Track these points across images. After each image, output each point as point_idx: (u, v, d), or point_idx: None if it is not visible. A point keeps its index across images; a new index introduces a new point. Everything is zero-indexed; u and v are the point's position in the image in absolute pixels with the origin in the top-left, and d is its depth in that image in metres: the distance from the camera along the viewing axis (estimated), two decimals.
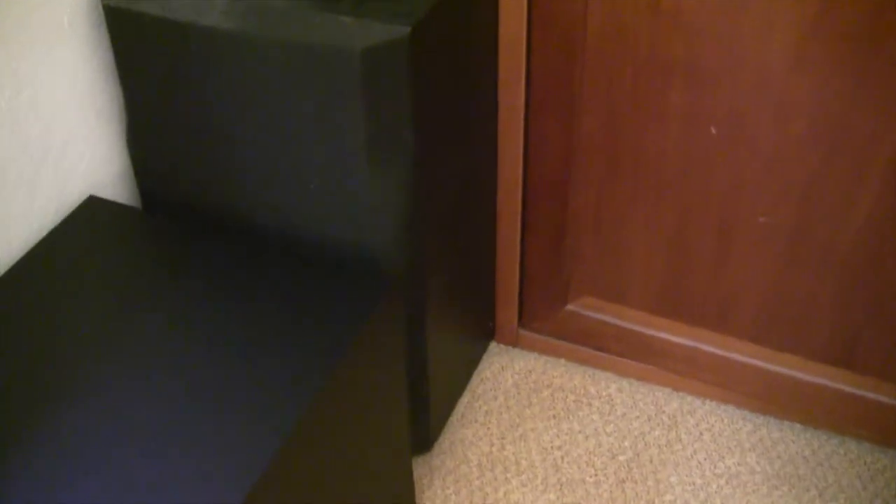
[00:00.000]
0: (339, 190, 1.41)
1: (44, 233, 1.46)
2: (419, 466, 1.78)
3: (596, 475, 1.78)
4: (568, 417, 1.87)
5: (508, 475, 1.78)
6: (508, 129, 1.66)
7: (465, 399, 1.90)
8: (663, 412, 1.87)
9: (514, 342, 1.98)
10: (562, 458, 1.80)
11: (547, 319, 1.92)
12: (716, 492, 1.74)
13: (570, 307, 1.89)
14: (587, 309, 1.88)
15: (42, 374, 1.23)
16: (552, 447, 1.82)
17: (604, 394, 1.91)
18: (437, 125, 1.44)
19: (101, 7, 1.44)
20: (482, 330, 1.95)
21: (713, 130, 1.53)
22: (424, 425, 1.74)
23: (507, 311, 1.93)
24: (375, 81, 1.29)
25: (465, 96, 1.52)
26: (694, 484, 1.75)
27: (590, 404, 1.90)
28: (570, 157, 1.68)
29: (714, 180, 1.60)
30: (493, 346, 2.01)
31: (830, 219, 1.56)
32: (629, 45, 1.50)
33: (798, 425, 1.83)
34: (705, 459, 1.79)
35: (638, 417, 1.87)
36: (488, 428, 1.85)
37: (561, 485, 1.76)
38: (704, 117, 1.53)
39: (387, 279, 1.38)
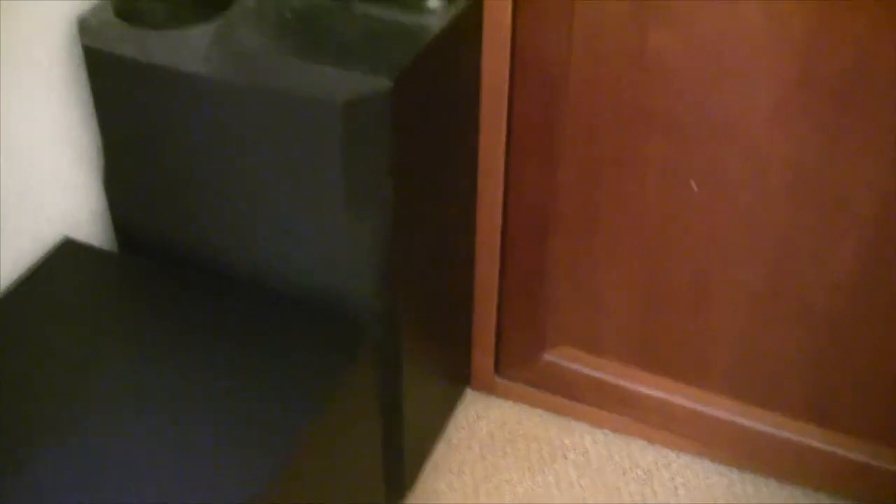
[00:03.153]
0: (316, 238, 1.40)
1: (18, 274, 1.44)
2: None
3: None
4: (542, 469, 1.86)
5: None
6: (488, 178, 1.65)
7: (440, 448, 1.89)
8: (638, 466, 1.86)
9: (491, 390, 1.97)
10: None
11: (523, 368, 1.91)
12: None
13: (546, 356, 1.88)
14: (564, 358, 1.87)
15: (16, 417, 1.21)
16: (526, 500, 1.80)
17: (579, 445, 1.90)
18: (417, 175, 1.44)
19: (80, 48, 1.43)
20: (458, 377, 1.94)
21: (693, 185, 1.53)
22: (398, 474, 1.72)
23: (484, 359, 1.92)
24: (356, 132, 1.28)
25: (445, 145, 1.52)
26: None
27: (565, 456, 1.88)
28: (548, 206, 1.67)
29: (692, 233, 1.60)
30: (468, 392, 2.00)
31: (806, 275, 1.56)
32: (612, 96, 1.51)
33: (773, 481, 1.83)
34: None
35: (613, 471, 1.86)
36: (462, 478, 1.84)
37: None
38: (684, 170, 1.53)
39: (363, 330, 1.37)
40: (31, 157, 1.43)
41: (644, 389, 1.83)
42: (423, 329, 1.65)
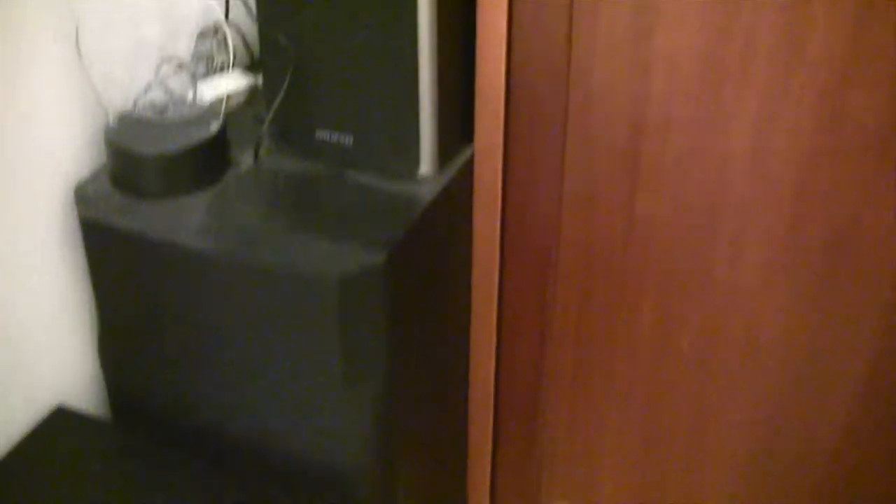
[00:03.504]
0: (311, 410, 1.40)
1: (11, 444, 1.43)
2: None
3: None
4: None
5: None
6: (480, 348, 1.66)
7: None
8: None
9: None
10: None
11: None
12: None
13: None
14: None
15: None
16: None
17: None
18: (412, 345, 1.44)
19: (77, 218, 1.44)
20: None
21: (685, 345, 1.54)
22: None
23: None
24: (350, 305, 1.29)
25: (438, 312, 1.53)
26: None
27: None
28: (542, 367, 1.68)
29: (685, 392, 1.60)
30: None
31: (802, 436, 1.56)
32: (602, 261, 1.52)
33: None
34: None
35: None
36: None
37: None
38: (676, 331, 1.54)
39: (355, 501, 1.36)
40: (25, 323, 1.44)
41: None
42: (418, 493, 1.63)
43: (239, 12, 1.55)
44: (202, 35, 1.53)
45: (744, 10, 1.27)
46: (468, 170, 1.48)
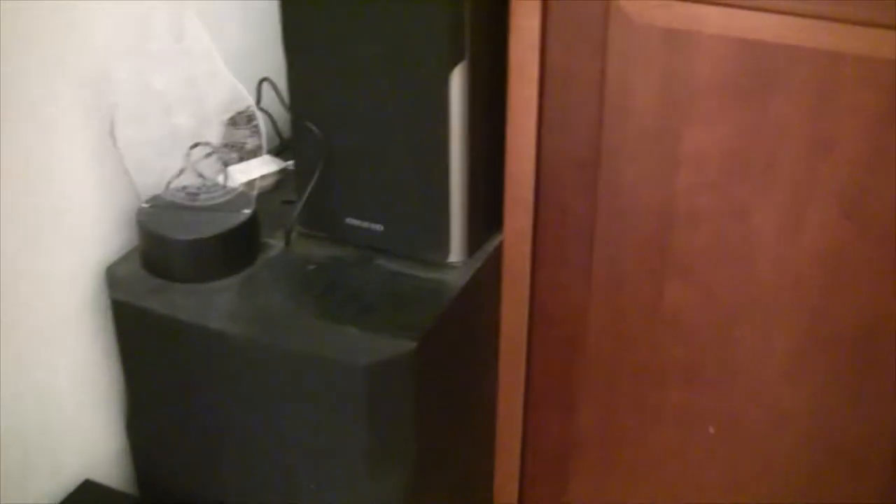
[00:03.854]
0: (339, 491, 1.40)
1: None
2: None
3: None
4: None
5: None
6: (507, 425, 1.66)
7: None
8: None
9: None
10: None
11: None
12: None
13: None
14: None
15: None
16: None
17: None
18: (438, 429, 1.45)
19: (108, 298, 1.46)
20: None
21: (711, 430, 1.54)
22: None
23: None
24: (378, 392, 1.30)
25: (464, 396, 1.54)
26: None
27: None
28: (566, 450, 1.68)
29: (711, 477, 1.59)
30: None
31: None
32: (630, 348, 1.52)
33: None
34: None
35: None
36: None
37: None
38: (702, 418, 1.54)
39: None
40: (55, 398, 1.45)
41: None
42: None
43: (269, 97, 1.57)
44: (233, 120, 1.55)
45: (770, 107, 1.28)
46: (497, 256, 1.49)
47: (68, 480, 1.51)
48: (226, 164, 1.54)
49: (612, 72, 1.35)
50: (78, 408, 1.50)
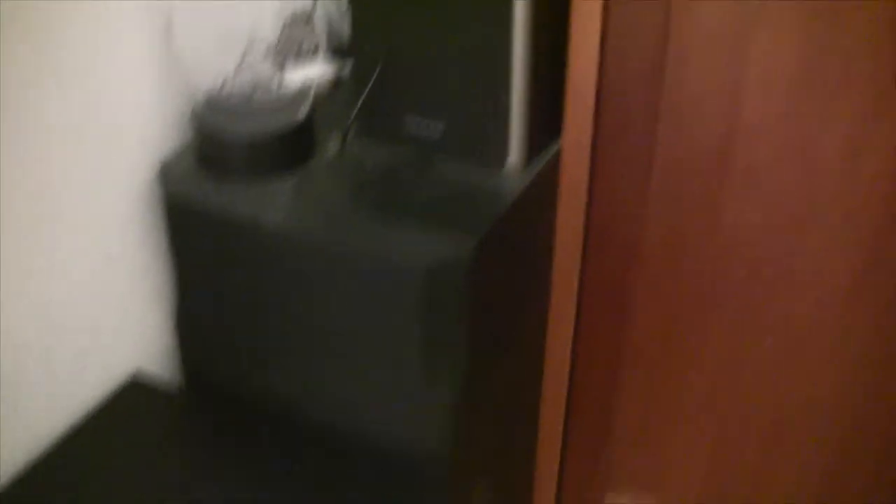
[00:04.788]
0: (389, 394, 1.40)
1: (87, 409, 1.45)
2: None
3: None
4: None
5: None
6: (558, 333, 1.65)
7: None
8: None
9: None
10: None
11: None
12: None
13: (608, 499, 1.86)
14: (626, 502, 1.85)
15: None
16: None
17: None
18: (491, 333, 1.44)
19: (161, 192, 1.45)
20: None
21: (767, 344, 1.53)
22: None
23: (545, 500, 1.89)
24: (434, 295, 1.29)
25: (518, 301, 1.52)
26: None
27: None
28: (618, 363, 1.67)
29: (765, 388, 1.58)
30: None
31: (878, 456, 1.54)
32: (685, 262, 1.51)
33: None
34: None
35: None
36: None
37: None
38: (757, 327, 1.52)
39: (434, 490, 1.36)
40: (105, 295, 1.45)
41: None
42: (488, 477, 1.63)
43: None
44: (291, 21, 1.53)
45: (845, 32, 1.25)
46: (555, 165, 1.48)
47: (117, 376, 1.51)
48: (282, 65, 1.52)
49: None
50: (128, 304, 1.50)
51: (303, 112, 1.41)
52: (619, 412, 1.74)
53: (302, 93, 1.47)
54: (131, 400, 1.48)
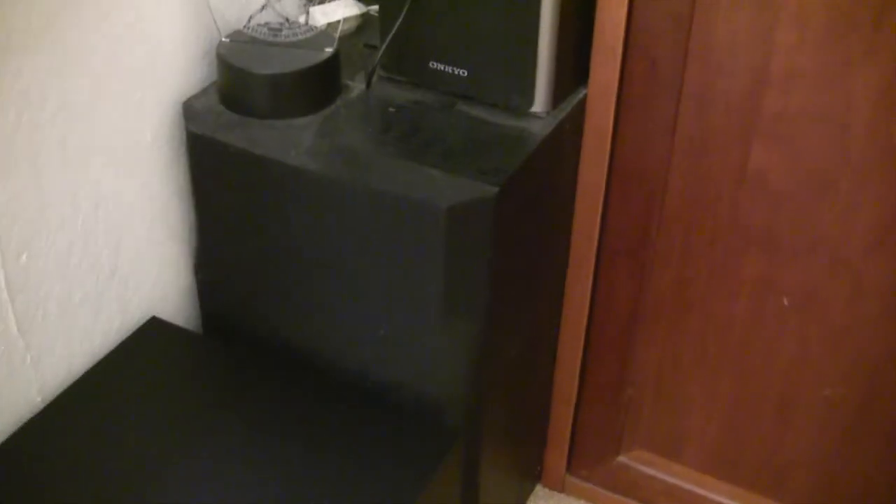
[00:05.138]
0: (409, 336, 1.40)
1: (105, 352, 1.45)
2: None
3: None
4: None
5: None
6: (576, 282, 1.65)
7: None
8: None
9: (561, 488, 1.95)
10: None
11: (596, 468, 1.89)
12: None
13: (621, 458, 1.86)
14: (638, 462, 1.85)
15: (96, 495, 1.21)
16: None
17: None
18: (512, 278, 1.43)
19: (184, 131, 1.44)
20: (530, 472, 1.92)
21: (785, 302, 1.52)
22: None
23: (557, 457, 1.90)
24: (457, 235, 1.28)
25: (539, 248, 1.52)
26: None
27: None
28: (636, 312, 1.66)
29: (781, 349, 1.58)
30: (539, 489, 1.97)
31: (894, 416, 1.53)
32: (709, 210, 1.50)
33: None
34: None
35: None
36: None
37: None
38: (777, 287, 1.52)
39: (453, 435, 1.36)
40: (125, 236, 1.45)
41: (720, 498, 1.80)
42: (503, 428, 1.64)
43: None
44: None
45: None
46: (581, 110, 1.47)
47: (135, 317, 1.51)
48: (308, 4, 1.51)
49: None
50: (147, 244, 1.50)
51: (329, 51, 1.40)
52: (635, 370, 1.73)
53: (328, 32, 1.46)
54: (150, 341, 1.49)
